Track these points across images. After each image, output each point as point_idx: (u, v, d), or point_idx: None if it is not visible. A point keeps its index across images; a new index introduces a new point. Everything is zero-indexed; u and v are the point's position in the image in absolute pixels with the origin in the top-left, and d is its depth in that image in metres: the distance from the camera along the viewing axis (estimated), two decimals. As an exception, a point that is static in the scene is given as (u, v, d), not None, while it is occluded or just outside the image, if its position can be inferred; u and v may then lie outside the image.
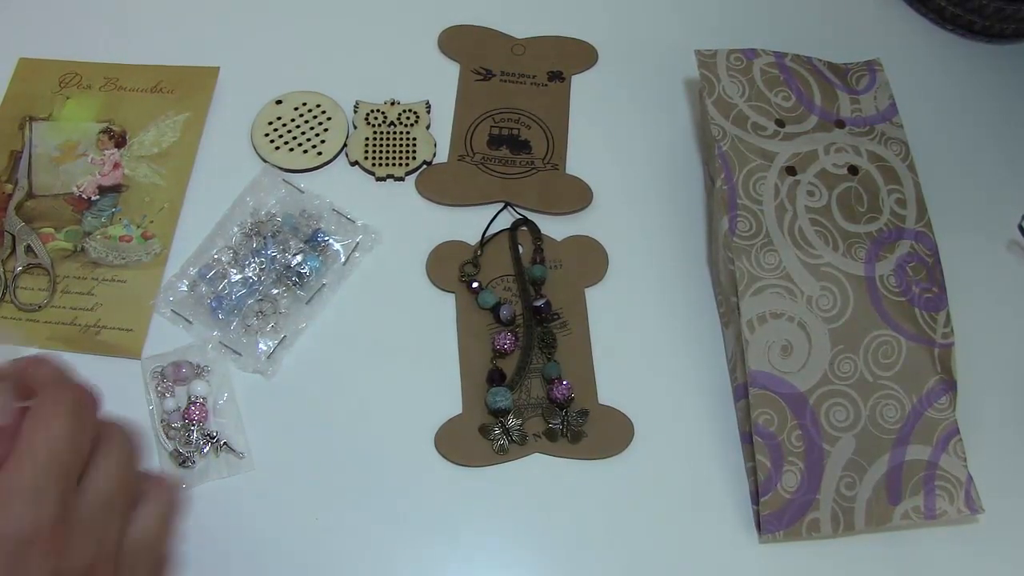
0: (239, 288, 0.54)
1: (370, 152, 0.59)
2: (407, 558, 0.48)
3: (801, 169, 0.54)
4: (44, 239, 0.55)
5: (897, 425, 0.49)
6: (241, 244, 0.55)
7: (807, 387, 0.50)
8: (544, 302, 0.54)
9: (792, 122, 0.56)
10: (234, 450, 0.49)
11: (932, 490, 0.49)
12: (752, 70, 0.58)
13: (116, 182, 0.57)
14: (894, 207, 0.55)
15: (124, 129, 0.59)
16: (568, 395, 0.51)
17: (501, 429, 0.51)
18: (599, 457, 0.51)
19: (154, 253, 0.55)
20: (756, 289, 0.51)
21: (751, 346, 0.50)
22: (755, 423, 0.49)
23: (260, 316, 0.53)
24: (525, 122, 0.61)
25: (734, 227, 0.52)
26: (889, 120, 0.58)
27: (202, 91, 0.61)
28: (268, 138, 0.59)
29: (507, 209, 0.58)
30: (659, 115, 0.63)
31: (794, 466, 0.49)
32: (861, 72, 0.60)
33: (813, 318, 0.51)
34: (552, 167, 0.60)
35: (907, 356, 0.50)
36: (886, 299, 0.51)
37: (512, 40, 0.65)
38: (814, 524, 0.48)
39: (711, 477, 0.51)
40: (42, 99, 0.60)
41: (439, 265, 0.56)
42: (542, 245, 0.56)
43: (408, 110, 0.61)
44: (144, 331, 0.53)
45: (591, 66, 0.65)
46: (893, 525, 0.49)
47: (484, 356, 0.53)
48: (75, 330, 0.53)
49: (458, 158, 0.60)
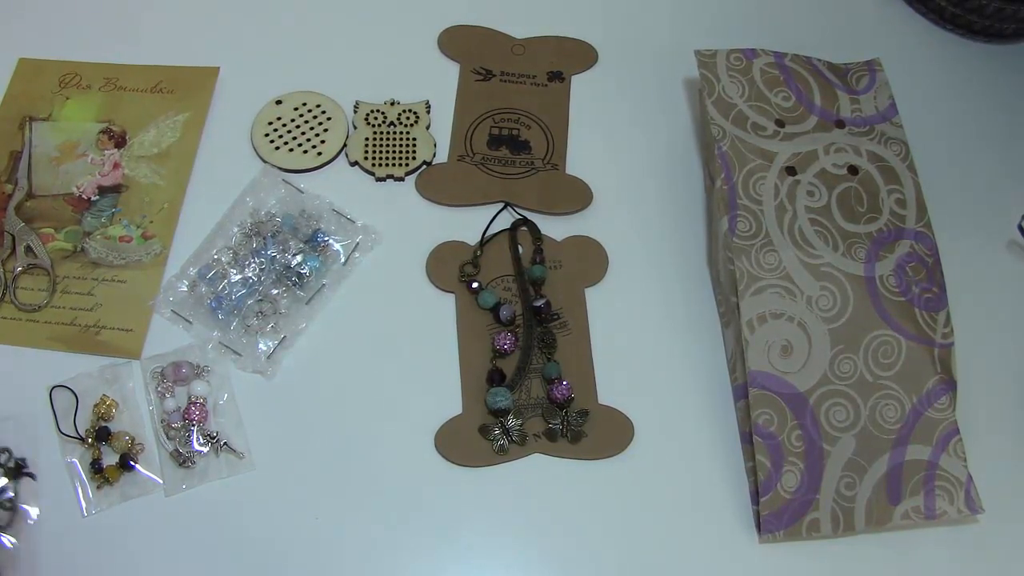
0: (239, 288, 0.54)
1: (370, 152, 0.59)
2: (407, 558, 0.48)
3: (801, 169, 0.54)
4: (44, 239, 0.55)
5: (897, 425, 0.49)
6: (241, 244, 0.55)
7: (807, 387, 0.50)
8: (544, 302, 0.54)
9: (792, 122, 0.56)
10: (234, 450, 0.49)
11: (932, 490, 0.49)
12: (752, 70, 0.58)
13: (116, 182, 0.57)
14: (894, 207, 0.55)
15: (124, 129, 0.59)
16: (568, 395, 0.51)
17: (501, 429, 0.51)
18: (599, 457, 0.51)
19: (154, 253, 0.55)
20: (756, 289, 0.51)
21: (751, 346, 0.50)
22: (755, 423, 0.49)
23: (260, 316, 0.53)
24: (525, 122, 0.61)
25: (734, 227, 0.52)
26: (889, 120, 0.58)
27: (202, 91, 0.61)
28: (268, 138, 0.59)
29: (507, 209, 0.58)
30: (659, 115, 0.63)
31: (794, 466, 0.49)
32: (861, 72, 0.60)
33: (813, 318, 0.51)
34: (552, 167, 0.60)
35: (907, 356, 0.50)
36: (886, 299, 0.51)
37: (512, 40, 0.65)
38: (814, 524, 0.48)
39: (711, 477, 0.51)
40: (42, 99, 0.60)
41: (439, 265, 0.56)
42: (542, 245, 0.56)
43: (408, 110, 0.61)
44: (144, 331, 0.53)
45: (591, 66, 0.65)
46: (893, 525, 0.49)
47: (484, 356, 0.53)
48: (75, 330, 0.53)
49: (458, 158, 0.60)
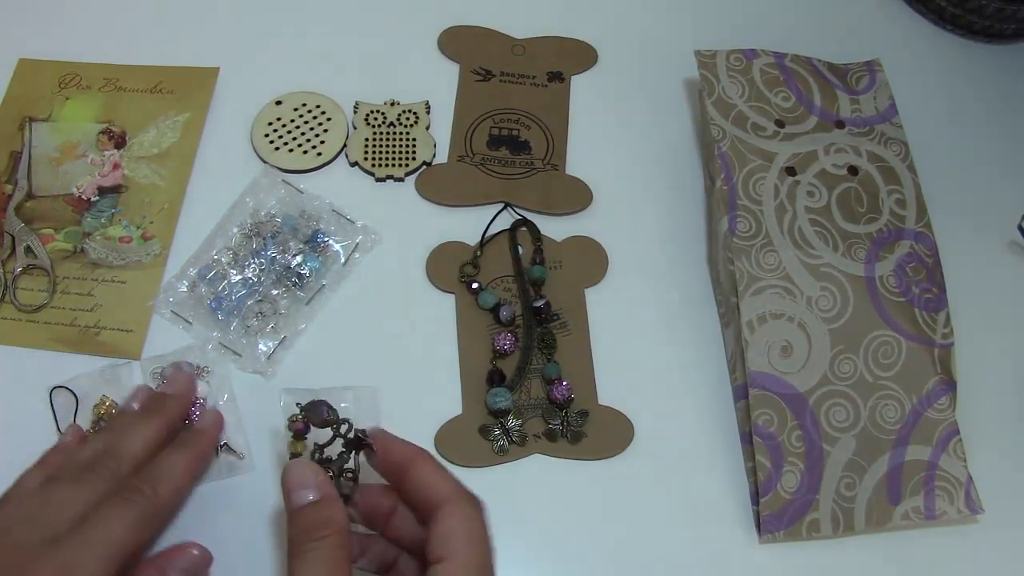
0: (239, 289, 0.54)
1: (370, 153, 0.59)
2: (407, 558, 0.48)
3: (801, 169, 0.54)
4: (44, 240, 0.55)
5: (897, 425, 0.49)
6: (241, 245, 0.55)
7: (807, 387, 0.50)
8: (544, 303, 0.54)
9: (792, 122, 0.56)
10: (234, 451, 0.49)
11: (932, 490, 0.49)
12: (752, 70, 0.58)
13: (116, 183, 0.57)
14: (894, 207, 0.55)
15: (124, 130, 0.59)
16: (568, 395, 0.51)
17: (501, 430, 0.51)
18: (599, 457, 0.51)
19: (154, 254, 0.55)
20: (756, 289, 0.51)
21: (751, 346, 0.50)
22: (755, 423, 0.49)
23: (260, 317, 0.53)
24: (525, 122, 0.61)
25: (734, 227, 0.52)
26: (889, 120, 0.58)
27: (202, 91, 0.61)
28: (268, 139, 0.59)
29: (507, 209, 0.58)
30: (659, 115, 0.63)
31: (794, 466, 0.49)
32: (861, 72, 0.60)
33: (813, 318, 0.51)
34: (552, 167, 0.60)
35: (907, 356, 0.50)
36: (886, 299, 0.51)
37: (512, 40, 0.65)
38: (814, 524, 0.48)
39: (711, 477, 0.51)
40: (42, 99, 0.60)
41: (439, 265, 0.56)
42: (542, 245, 0.56)
43: (408, 111, 0.61)
44: (144, 332, 0.53)
45: (591, 66, 0.65)
46: (893, 525, 0.49)
47: (484, 356, 0.53)
48: (75, 331, 0.53)
49: (458, 158, 0.60)
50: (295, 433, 0.41)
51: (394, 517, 0.41)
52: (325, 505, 0.37)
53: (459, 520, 0.36)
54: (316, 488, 0.37)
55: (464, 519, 0.36)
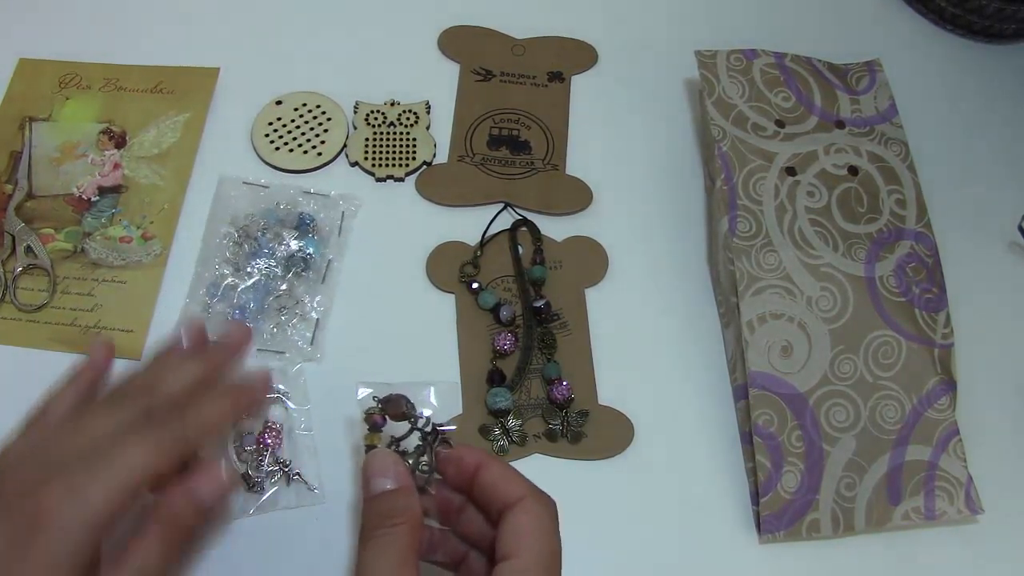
0: (252, 293, 0.54)
1: (370, 153, 0.59)
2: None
3: (801, 169, 0.54)
4: (44, 240, 0.55)
5: (897, 426, 0.49)
6: (236, 253, 0.55)
7: (807, 387, 0.50)
8: (544, 303, 0.54)
9: (792, 122, 0.56)
10: (306, 482, 0.48)
11: (932, 491, 0.49)
12: (752, 70, 0.58)
13: (116, 183, 0.57)
14: (894, 207, 0.55)
15: (124, 130, 0.59)
16: (568, 395, 0.51)
17: (501, 429, 0.51)
18: (599, 457, 0.51)
19: (154, 254, 0.55)
20: (756, 289, 0.51)
21: (751, 346, 0.50)
22: (755, 423, 0.49)
23: (284, 310, 0.53)
24: (525, 122, 0.61)
25: (734, 227, 0.52)
26: (889, 120, 0.58)
27: (202, 91, 0.61)
28: (268, 139, 0.59)
29: (507, 210, 0.58)
30: (659, 115, 0.63)
31: (794, 466, 0.49)
32: (861, 72, 0.60)
33: (813, 318, 0.51)
34: (552, 167, 0.60)
35: (907, 356, 0.50)
36: (886, 299, 0.51)
37: (512, 40, 0.65)
38: (814, 524, 0.48)
39: (711, 477, 0.51)
40: (42, 99, 0.60)
41: (439, 265, 0.56)
42: (542, 246, 0.56)
43: (408, 110, 0.61)
44: (144, 332, 0.53)
45: (591, 66, 0.65)
46: (893, 525, 0.49)
47: (484, 356, 0.53)
48: (75, 331, 0.53)
49: (458, 158, 0.60)
50: (371, 426, 0.41)
51: (465, 513, 0.41)
52: (402, 494, 0.38)
53: (530, 518, 0.37)
54: (395, 477, 0.38)
55: (535, 517, 0.37)
